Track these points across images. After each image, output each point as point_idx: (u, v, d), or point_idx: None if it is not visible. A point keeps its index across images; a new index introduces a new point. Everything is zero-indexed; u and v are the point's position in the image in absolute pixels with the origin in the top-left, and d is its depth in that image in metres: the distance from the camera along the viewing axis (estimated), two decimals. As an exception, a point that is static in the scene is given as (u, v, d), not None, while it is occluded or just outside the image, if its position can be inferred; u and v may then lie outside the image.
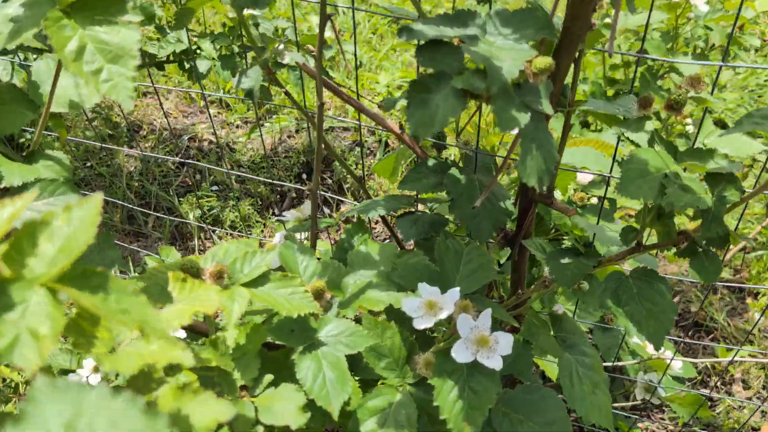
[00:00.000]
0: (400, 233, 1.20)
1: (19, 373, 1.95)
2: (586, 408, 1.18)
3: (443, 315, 0.89)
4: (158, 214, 2.08)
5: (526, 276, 1.34)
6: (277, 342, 0.90)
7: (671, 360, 1.59)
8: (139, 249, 2.37)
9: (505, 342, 0.92)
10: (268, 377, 0.90)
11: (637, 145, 0.92)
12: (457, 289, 0.92)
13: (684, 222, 1.35)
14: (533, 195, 1.09)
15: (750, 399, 2.26)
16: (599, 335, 1.83)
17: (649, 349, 1.72)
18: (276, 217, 1.22)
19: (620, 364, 1.72)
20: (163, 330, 0.56)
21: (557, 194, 1.48)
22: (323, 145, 1.13)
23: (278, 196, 3.07)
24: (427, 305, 0.92)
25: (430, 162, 1.22)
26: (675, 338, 1.90)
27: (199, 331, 1.02)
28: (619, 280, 1.06)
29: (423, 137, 0.89)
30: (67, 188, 0.90)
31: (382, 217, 1.37)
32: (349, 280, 1.07)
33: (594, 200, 1.55)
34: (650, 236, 1.11)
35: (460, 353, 0.89)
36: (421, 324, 0.90)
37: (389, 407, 0.96)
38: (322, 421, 0.93)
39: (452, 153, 2.56)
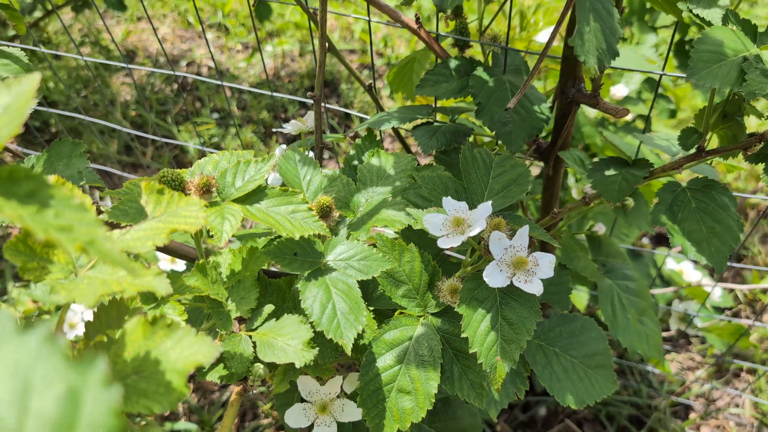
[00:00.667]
0: (417, 145, 1.05)
1: None
2: (630, 338, 1.05)
3: (473, 232, 0.74)
4: (156, 137, 1.92)
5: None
6: (277, 268, 0.76)
7: (713, 287, 1.45)
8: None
9: (545, 264, 0.78)
10: (269, 308, 0.77)
11: (709, 24, 0.75)
12: (489, 203, 0.77)
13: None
14: (575, 96, 0.93)
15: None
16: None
17: (688, 276, 1.58)
18: (275, 130, 1.06)
19: (654, 292, 1.59)
20: (114, 254, 0.42)
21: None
22: (327, 45, 0.96)
23: (282, 122, 2.90)
24: (454, 222, 0.77)
25: (452, 63, 1.05)
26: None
27: (185, 256, 0.88)
28: (675, 194, 0.90)
29: (449, 5, 0.72)
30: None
31: (396, 132, 1.22)
32: (361, 198, 0.92)
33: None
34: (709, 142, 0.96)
35: (494, 277, 0.75)
36: (447, 243, 0.76)
37: (409, 340, 0.83)
38: (333, 356, 0.80)
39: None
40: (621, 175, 0.94)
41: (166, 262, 1.45)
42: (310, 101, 0.99)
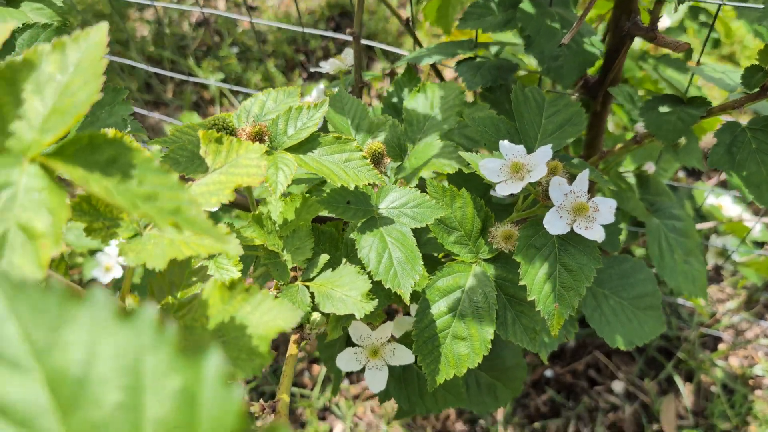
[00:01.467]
0: (461, 80, 1.02)
1: None
2: (677, 279, 1.04)
3: (533, 178, 0.72)
4: (175, 75, 1.89)
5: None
6: (330, 216, 0.75)
7: (755, 223, 1.43)
8: (160, 116, 2.21)
9: (606, 209, 0.76)
10: (324, 257, 0.76)
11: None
12: (549, 146, 0.75)
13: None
14: (631, 29, 0.88)
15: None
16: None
17: (728, 211, 1.55)
18: (313, 69, 1.03)
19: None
20: (202, 222, 0.40)
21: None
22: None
23: (304, 56, 2.84)
24: (512, 167, 0.75)
25: (497, -5, 1.00)
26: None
27: (235, 204, 0.87)
28: (734, 134, 0.87)
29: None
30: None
31: (435, 69, 1.18)
32: (409, 141, 0.90)
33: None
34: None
35: (554, 224, 0.73)
36: (505, 190, 0.74)
37: (462, 287, 0.82)
38: (386, 303, 0.80)
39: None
40: (676, 114, 0.91)
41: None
42: (335, 28, 0.96)
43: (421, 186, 0.85)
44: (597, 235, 0.73)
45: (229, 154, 0.60)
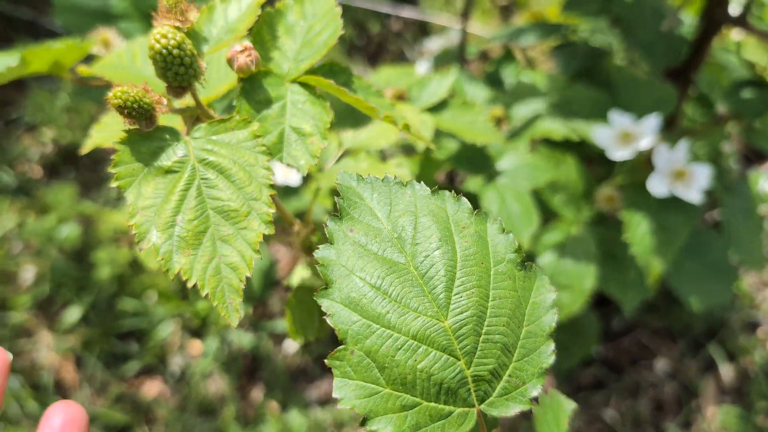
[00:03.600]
0: (557, 66, 1.11)
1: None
2: (745, 251, 1.13)
3: (643, 145, 0.82)
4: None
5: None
6: (458, 169, 0.86)
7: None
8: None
9: (702, 175, 0.85)
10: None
11: None
12: (655, 115, 0.85)
13: None
14: (722, 18, 0.98)
15: None
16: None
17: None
18: (423, 45, 1.13)
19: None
20: (420, 125, 0.52)
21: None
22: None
23: (365, 40, 2.94)
24: (622, 136, 0.85)
25: (594, -17, 1.10)
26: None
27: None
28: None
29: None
30: None
31: (522, 53, 1.28)
32: (518, 112, 1.00)
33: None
34: None
35: (656, 186, 0.83)
36: (617, 154, 0.84)
37: (566, 241, 0.92)
38: None
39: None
40: (757, 96, 1.00)
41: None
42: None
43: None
44: (694, 195, 0.83)
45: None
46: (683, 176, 0.83)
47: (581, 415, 2.10)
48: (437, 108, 0.85)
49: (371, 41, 2.90)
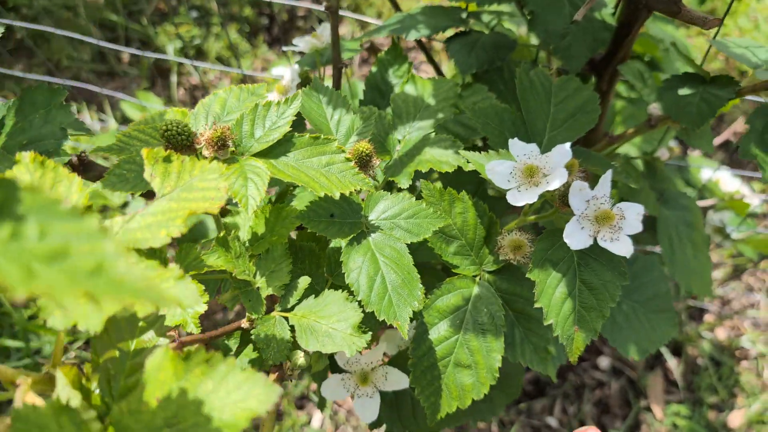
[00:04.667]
0: (453, 62, 0.89)
1: None
2: (687, 276, 0.94)
3: (551, 185, 0.61)
4: (132, 50, 1.72)
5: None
6: (310, 231, 0.63)
7: (760, 201, 1.34)
8: (114, 93, 2.03)
9: (632, 216, 0.65)
10: (304, 281, 0.64)
11: None
12: (567, 145, 0.63)
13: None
14: (649, 2, 0.77)
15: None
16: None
17: (726, 185, 1.47)
18: (285, 48, 0.89)
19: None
20: (137, 281, 0.29)
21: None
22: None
23: (267, 20, 2.66)
24: (526, 171, 0.64)
25: (494, -39, 0.87)
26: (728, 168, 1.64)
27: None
28: (767, 118, 0.77)
29: None
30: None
31: (419, 44, 1.05)
32: (397, 135, 0.78)
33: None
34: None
35: (575, 236, 0.63)
36: (519, 199, 0.62)
37: (465, 305, 0.71)
38: (377, 328, 0.69)
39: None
40: (698, 95, 0.80)
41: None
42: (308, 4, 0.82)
43: (411, 189, 0.73)
44: (624, 248, 0.63)
45: (180, 175, 0.48)
46: (609, 220, 0.63)
47: (525, 426, 1.95)
48: (278, 148, 0.62)
49: (275, 21, 2.63)
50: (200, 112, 0.68)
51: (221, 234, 0.61)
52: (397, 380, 0.77)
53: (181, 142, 0.59)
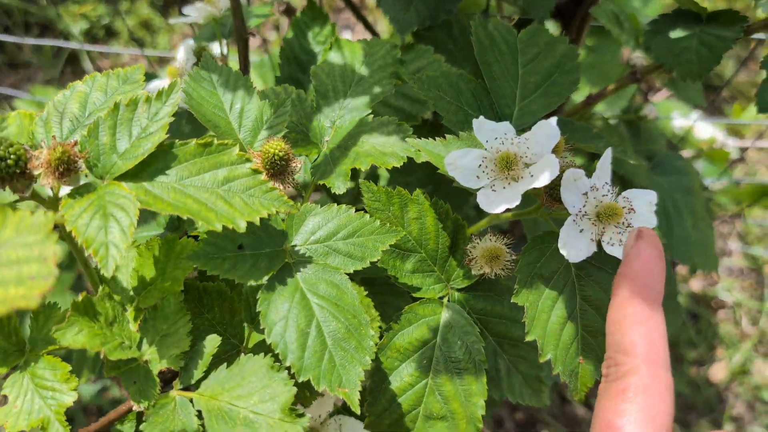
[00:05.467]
0: (388, 19, 0.71)
1: None
2: (689, 252, 0.80)
3: (540, 179, 0.44)
4: (10, 39, 1.49)
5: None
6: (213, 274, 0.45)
7: (738, 149, 1.21)
8: (10, 92, 1.78)
9: (644, 207, 0.49)
10: (212, 342, 0.46)
11: None
12: (554, 121, 0.46)
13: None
14: None
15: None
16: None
17: (700, 132, 1.33)
18: (173, 20, 0.70)
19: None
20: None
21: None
22: None
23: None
24: (500, 162, 0.47)
25: None
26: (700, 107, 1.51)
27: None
28: (785, 59, 0.61)
29: None
30: None
31: (347, 1, 0.86)
32: (325, 121, 0.59)
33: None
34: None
35: (574, 244, 0.46)
36: (496, 201, 0.46)
37: (433, 338, 0.54)
38: (313, 397, 0.52)
39: None
40: (696, 37, 0.64)
41: None
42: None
43: (334, 194, 0.55)
44: (638, 253, 0.46)
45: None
46: (616, 217, 0.46)
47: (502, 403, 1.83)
48: (150, 166, 0.44)
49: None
50: (52, 115, 0.49)
51: (82, 296, 0.42)
52: (353, 430, 0.61)
53: (5, 170, 0.40)
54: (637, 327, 0.40)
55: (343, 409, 0.63)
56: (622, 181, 0.74)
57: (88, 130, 0.43)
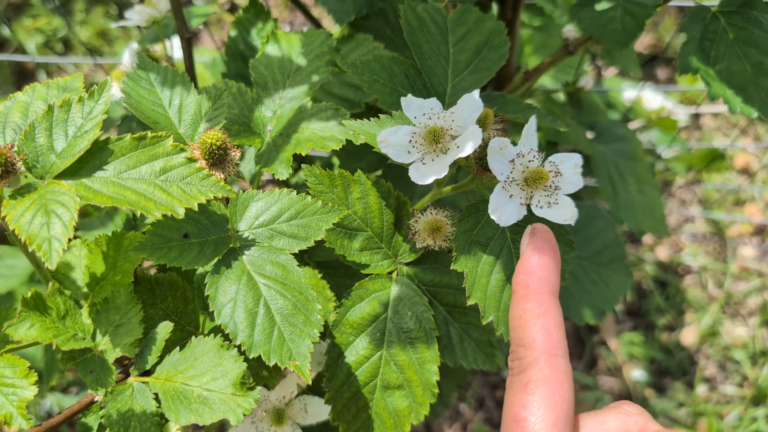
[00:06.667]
0: (327, 10, 0.73)
1: None
2: (635, 215, 0.83)
3: (464, 150, 0.46)
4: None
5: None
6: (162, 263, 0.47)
7: (686, 116, 1.24)
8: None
9: (569, 169, 0.51)
10: (164, 330, 0.48)
11: None
12: (476, 92, 0.49)
13: None
14: None
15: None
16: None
17: (649, 102, 1.37)
18: (114, 24, 0.71)
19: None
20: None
21: None
22: None
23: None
24: (428, 135, 0.49)
25: None
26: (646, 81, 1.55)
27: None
28: (704, 23, 0.64)
29: None
30: None
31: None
32: (266, 111, 0.61)
33: None
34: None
35: (504, 209, 0.49)
36: (426, 174, 0.48)
37: (384, 312, 0.57)
38: (275, 378, 0.54)
39: None
40: (620, 7, 0.67)
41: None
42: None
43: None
44: (566, 212, 0.49)
45: None
46: (542, 180, 0.49)
47: (479, 379, 1.86)
48: (88, 163, 0.45)
49: None
50: (-7, 124, 0.50)
51: (31, 292, 0.44)
52: (321, 410, 0.63)
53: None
54: (535, 321, 0.43)
55: (308, 389, 0.65)
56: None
57: (25, 132, 0.45)
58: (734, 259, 1.95)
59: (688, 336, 1.92)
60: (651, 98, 1.38)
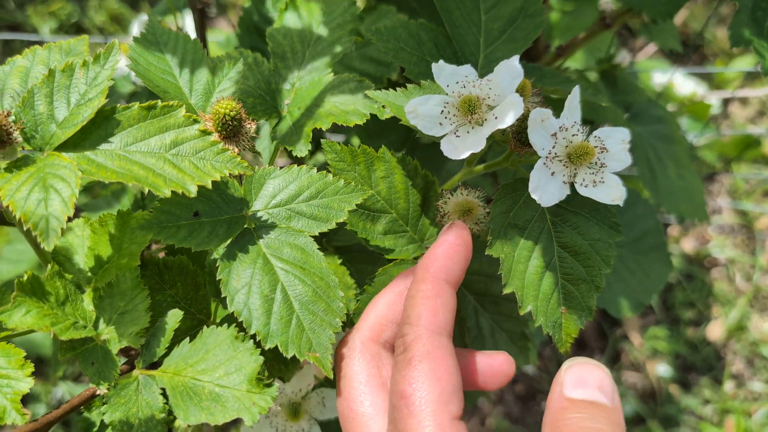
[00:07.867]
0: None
1: None
2: (675, 200, 0.78)
3: (505, 120, 0.42)
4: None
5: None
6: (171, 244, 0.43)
7: (719, 102, 1.18)
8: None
9: (616, 145, 0.47)
10: (173, 318, 0.44)
11: None
12: (516, 59, 0.44)
13: None
14: None
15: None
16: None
17: (681, 88, 1.31)
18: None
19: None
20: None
21: None
22: None
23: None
24: (463, 106, 0.44)
25: None
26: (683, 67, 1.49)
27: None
28: (758, -12, 0.59)
29: None
30: None
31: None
32: (284, 84, 0.57)
33: None
34: None
35: (546, 187, 0.44)
36: (461, 147, 0.43)
37: (411, 300, 0.52)
38: (291, 370, 0.50)
39: None
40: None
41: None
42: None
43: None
44: (614, 191, 0.44)
45: None
46: (588, 156, 0.44)
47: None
48: (92, 134, 0.41)
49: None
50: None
51: (27, 275, 0.40)
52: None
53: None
54: (425, 301, 0.42)
55: (326, 382, 0.61)
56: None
57: (23, 99, 0.41)
58: (763, 251, 1.89)
59: (715, 331, 1.86)
60: (683, 84, 1.32)
